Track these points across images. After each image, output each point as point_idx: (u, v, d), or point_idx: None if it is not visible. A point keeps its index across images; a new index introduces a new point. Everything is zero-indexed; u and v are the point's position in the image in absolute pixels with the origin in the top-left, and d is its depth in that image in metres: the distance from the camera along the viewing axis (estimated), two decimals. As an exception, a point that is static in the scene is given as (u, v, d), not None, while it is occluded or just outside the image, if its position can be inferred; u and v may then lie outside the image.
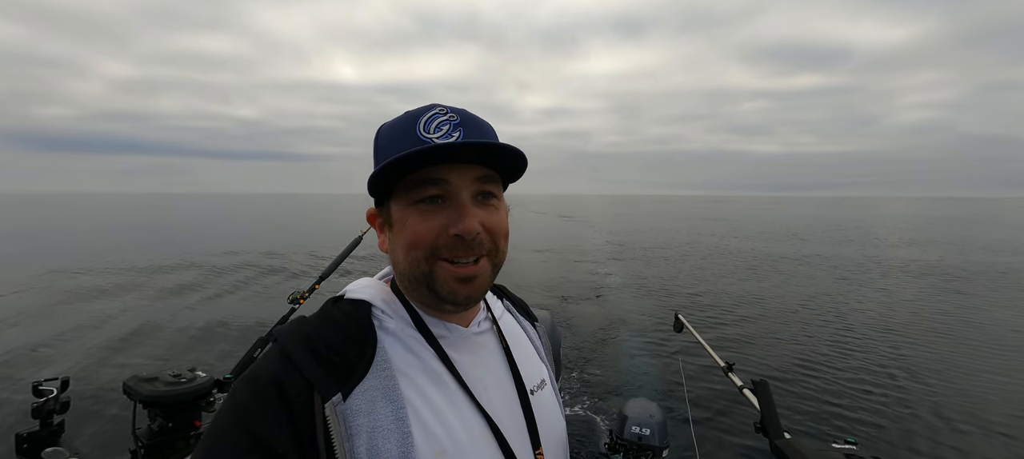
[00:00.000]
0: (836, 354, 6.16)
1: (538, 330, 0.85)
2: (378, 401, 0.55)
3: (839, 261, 14.42)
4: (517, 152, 0.60)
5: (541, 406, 0.71)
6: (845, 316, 8.09)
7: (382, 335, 0.62)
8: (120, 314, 7.99)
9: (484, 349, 0.69)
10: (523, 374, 0.71)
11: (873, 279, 11.73)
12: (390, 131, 0.63)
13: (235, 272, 12.11)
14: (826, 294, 9.93)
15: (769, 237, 21.41)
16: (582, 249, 17.45)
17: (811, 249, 17.49)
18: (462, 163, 0.60)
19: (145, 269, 12.36)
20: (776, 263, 13.67)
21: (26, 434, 1.43)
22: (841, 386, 5.16)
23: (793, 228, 25.80)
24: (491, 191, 0.63)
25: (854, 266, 13.54)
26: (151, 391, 1.59)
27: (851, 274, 12.26)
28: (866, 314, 8.23)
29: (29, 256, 15.05)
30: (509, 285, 0.85)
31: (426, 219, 0.59)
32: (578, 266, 13.65)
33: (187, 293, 9.68)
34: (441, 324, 0.65)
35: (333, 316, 0.62)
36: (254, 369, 0.57)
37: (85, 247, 17.65)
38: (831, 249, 17.53)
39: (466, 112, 0.63)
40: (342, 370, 0.56)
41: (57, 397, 1.46)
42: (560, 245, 19.14)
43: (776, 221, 29.08)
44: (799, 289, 10.35)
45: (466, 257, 0.60)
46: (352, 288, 0.68)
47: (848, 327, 7.42)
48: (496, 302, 0.78)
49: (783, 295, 9.68)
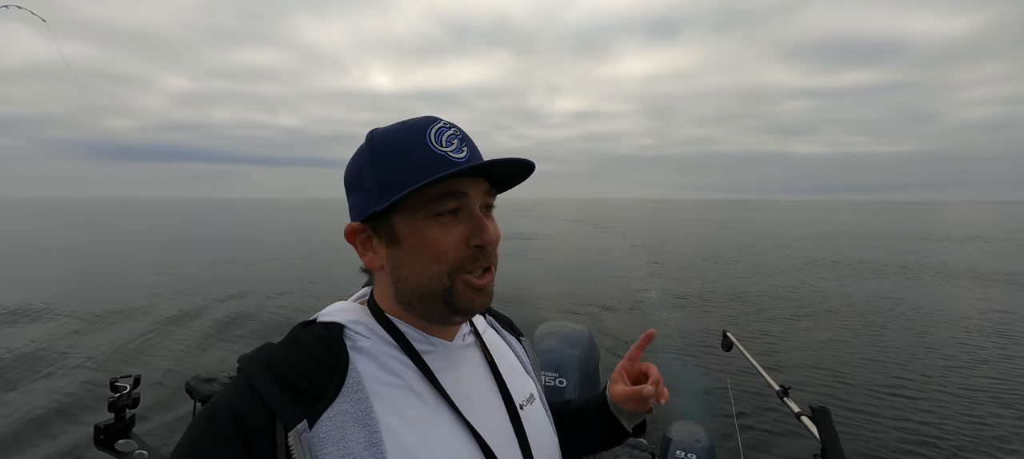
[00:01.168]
0: (911, 380, 5.62)
1: (524, 345, 0.83)
2: (349, 426, 0.52)
3: (909, 272, 13.28)
4: (531, 168, 0.62)
5: (531, 421, 0.69)
6: (923, 336, 7.38)
7: (355, 356, 0.58)
8: (197, 313, 8.59)
9: (469, 364, 0.67)
10: (511, 389, 0.69)
11: (952, 293, 10.73)
12: (399, 141, 0.60)
13: (299, 278, 12.73)
14: (896, 310, 9.11)
15: (825, 245, 19.99)
16: (617, 259, 17.08)
17: (875, 257, 16.20)
18: (475, 177, 0.60)
19: (214, 272, 13.24)
20: (835, 274, 12.76)
21: (103, 426, 1.56)
22: (915, 417, 4.71)
23: (849, 234, 23.98)
24: (492, 203, 0.64)
25: (928, 278, 12.42)
26: (208, 391, 1.70)
27: (925, 289, 11.21)
28: (946, 333, 7.49)
29: (110, 256, 16.54)
30: (542, 298, 0.85)
31: (446, 232, 0.58)
32: (614, 278, 13.35)
33: (254, 296, 10.26)
34: (425, 339, 0.63)
35: (301, 339, 0.58)
36: (215, 400, 0.54)
37: (155, 249, 19.13)
38: (899, 258, 16.14)
39: (458, 127, 0.63)
40: (308, 395, 0.52)
41: (129, 393, 1.58)
42: (593, 255, 18.84)
43: (828, 225, 26.96)
44: (863, 305, 9.58)
45: (479, 268, 0.60)
46: (324, 312, 0.65)
47: (929, 349, 6.77)
48: (479, 318, 0.77)
49: (844, 311, 9.01)
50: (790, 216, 49.70)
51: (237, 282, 11.90)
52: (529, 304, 9.61)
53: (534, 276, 13.37)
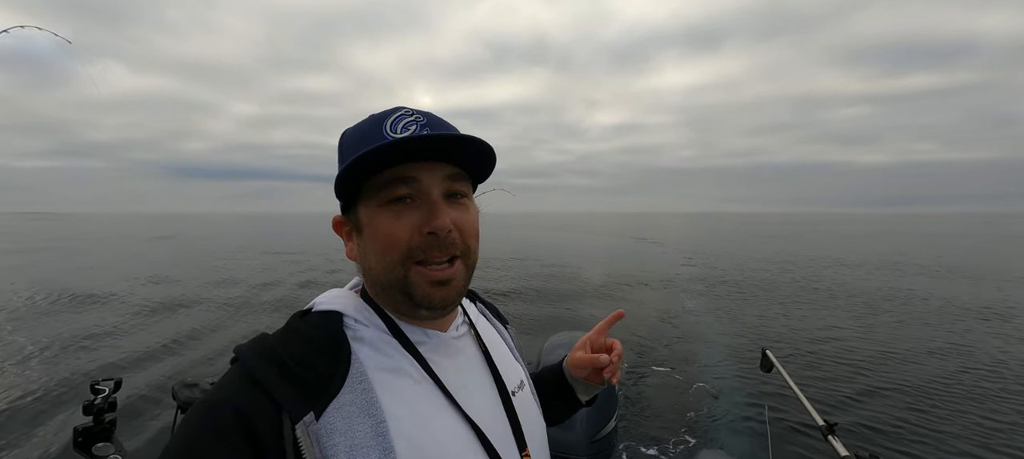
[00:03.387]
0: (987, 429, 4.62)
1: (510, 331, 0.85)
2: (355, 417, 0.52)
3: (993, 312, 10.85)
4: (484, 145, 0.58)
5: (523, 407, 0.70)
6: (1006, 382, 5.94)
7: (357, 346, 0.58)
8: (214, 322, 8.89)
9: (463, 354, 0.68)
10: (503, 376, 0.70)
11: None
12: (355, 134, 0.61)
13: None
14: (977, 349, 7.48)
15: (889, 265, 18.27)
16: (649, 265, 16.46)
17: (953, 290, 14.58)
18: (432, 161, 0.58)
19: (251, 283, 13.88)
20: (900, 301, 11.65)
21: (82, 428, 1.58)
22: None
23: (921, 255, 21.53)
24: (461, 190, 0.62)
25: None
26: (188, 397, 1.69)
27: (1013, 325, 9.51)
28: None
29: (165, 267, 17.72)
30: (565, 306, 0.82)
31: (397, 220, 0.58)
32: (647, 290, 12.86)
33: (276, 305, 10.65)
34: (419, 330, 0.64)
35: (300, 329, 0.58)
36: (213, 393, 0.52)
37: (196, 260, 20.27)
38: (983, 294, 14.46)
39: (432, 114, 0.62)
40: (313, 387, 0.52)
41: (107, 396, 1.60)
42: (626, 268, 18.27)
43: (897, 241, 23.99)
44: (935, 339, 8.26)
45: (440, 258, 0.58)
46: (320, 300, 0.65)
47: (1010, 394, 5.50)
48: (470, 305, 0.78)
49: (910, 345, 8.04)
50: (852, 229, 46.09)
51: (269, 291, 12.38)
52: (550, 307, 9.46)
53: (560, 283, 13.16)
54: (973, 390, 5.72)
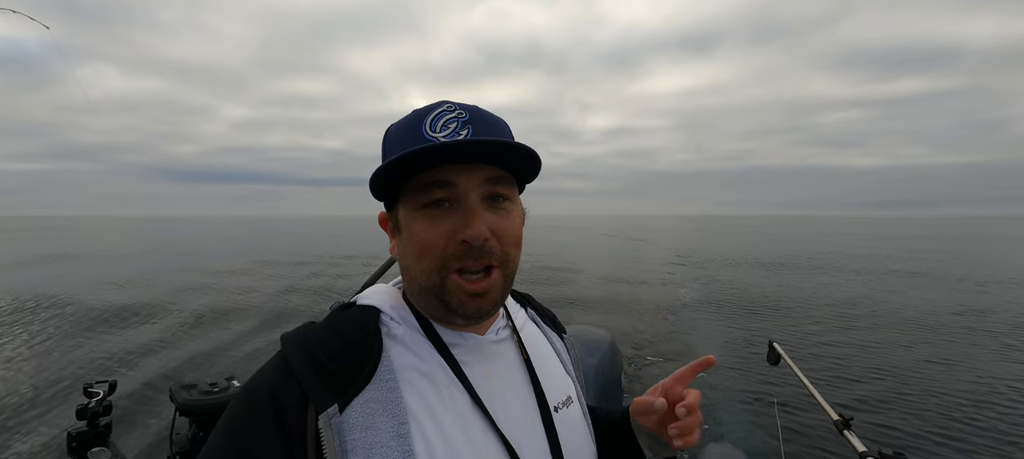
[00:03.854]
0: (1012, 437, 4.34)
1: (566, 343, 0.78)
2: (378, 414, 0.51)
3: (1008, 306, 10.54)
4: (528, 150, 0.55)
5: (566, 425, 0.64)
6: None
7: (389, 343, 0.58)
8: (204, 322, 8.59)
9: (501, 359, 0.64)
10: (546, 388, 0.64)
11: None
12: (396, 131, 0.59)
13: (306, 290, 12.99)
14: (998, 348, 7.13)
15: (893, 266, 18.12)
16: (650, 264, 16.38)
17: (961, 281, 14.44)
18: (471, 163, 0.55)
19: (230, 284, 13.77)
20: (913, 293, 11.56)
21: (75, 433, 1.52)
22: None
23: (918, 254, 21.31)
24: (502, 193, 0.58)
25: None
26: (186, 398, 1.64)
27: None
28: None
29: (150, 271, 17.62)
30: (569, 305, 0.73)
31: (433, 225, 0.55)
32: (644, 286, 12.79)
33: (257, 307, 10.36)
34: (454, 332, 0.61)
35: (338, 323, 0.59)
36: (256, 377, 0.55)
37: (176, 265, 19.91)
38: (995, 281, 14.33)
39: (477, 108, 0.59)
40: (340, 379, 0.52)
41: (102, 399, 1.54)
42: (625, 266, 18.20)
43: (897, 242, 23.84)
44: (948, 331, 8.07)
45: (476, 267, 0.55)
46: (363, 295, 0.64)
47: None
48: (519, 310, 0.73)
49: (922, 339, 7.89)
50: (841, 231, 45.71)
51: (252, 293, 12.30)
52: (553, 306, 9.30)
53: (560, 280, 13.06)
54: (999, 392, 5.43)
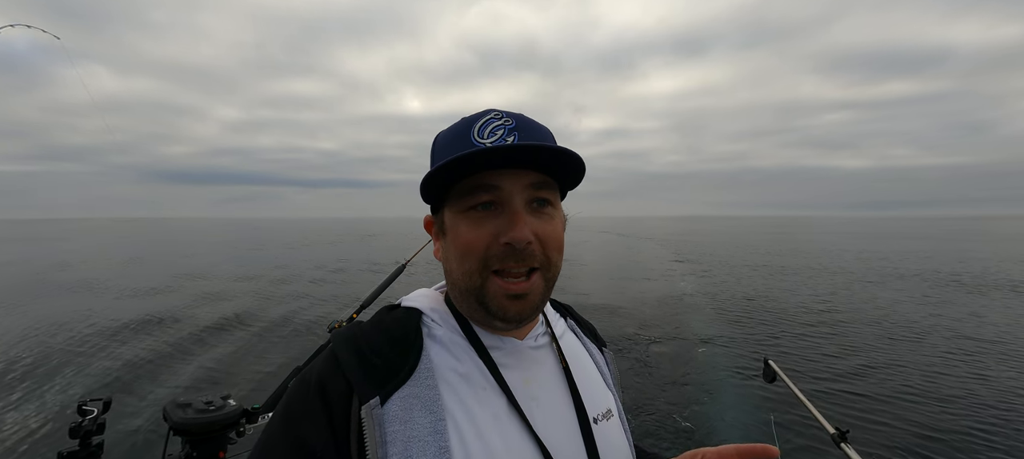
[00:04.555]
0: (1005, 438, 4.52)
1: (606, 356, 0.79)
2: (416, 409, 0.53)
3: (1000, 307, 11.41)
4: (573, 155, 0.56)
5: (607, 438, 0.64)
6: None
7: (429, 343, 0.60)
8: (195, 337, 8.47)
9: (540, 365, 0.64)
10: (585, 398, 0.64)
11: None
12: (446, 137, 0.62)
13: (293, 297, 12.89)
14: (992, 347, 7.50)
15: (886, 267, 18.24)
16: (646, 271, 16.37)
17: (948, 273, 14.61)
18: (516, 168, 0.57)
19: (219, 291, 13.62)
20: (901, 298, 11.65)
21: (67, 453, 1.48)
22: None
23: (914, 254, 21.49)
24: (546, 198, 0.60)
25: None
26: (181, 418, 1.61)
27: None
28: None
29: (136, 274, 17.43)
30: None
31: (477, 227, 0.57)
32: (641, 290, 12.77)
33: (253, 319, 10.42)
34: (494, 335, 0.63)
35: (383, 322, 0.62)
36: (309, 369, 0.59)
37: (172, 267, 19.79)
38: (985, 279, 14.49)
39: (523, 116, 0.61)
40: (382, 374, 0.55)
41: (96, 418, 1.51)
42: (620, 267, 18.22)
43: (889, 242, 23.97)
44: (939, 335, 8.43)
45: (517, 269, 0.57)
46: (408, 297, 0.68)
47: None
48: (558, 319, 0.74)
49: (923, 346, 8.03)
50: (843, 229, 46.22)
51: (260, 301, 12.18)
52: None
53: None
54: (996, 383, 5.57)
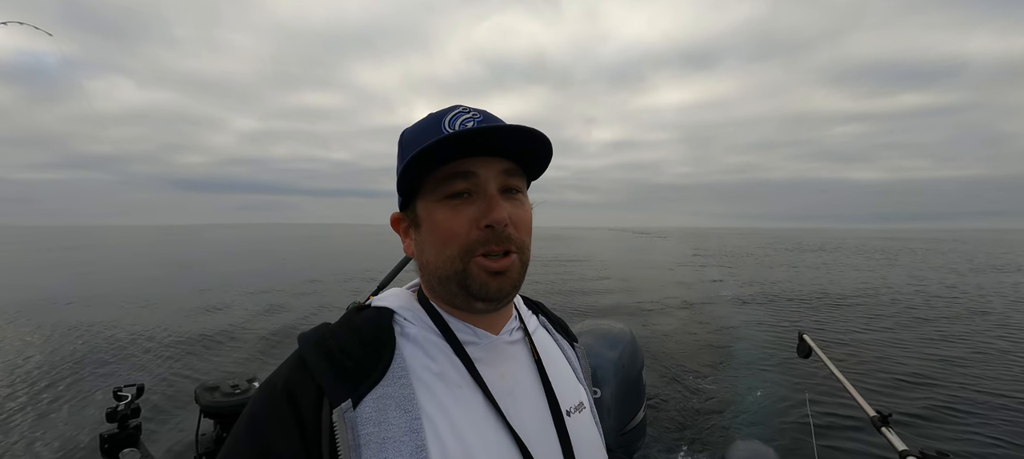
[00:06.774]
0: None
1: (577, 351, 0.80)
2: (391, 410, 0.53)
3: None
4: (541, 136, 0.58)
5: (579, 430, 0.66)
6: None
7: (402, 341, 0.60)
8: (230, 327, 8.91)
9: (515, 360, 0.65)
10: (557, 392, 0.66)
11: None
12: (414, 131, 0.63)
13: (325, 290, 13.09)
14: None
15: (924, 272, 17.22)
16: (672, 260, 16.04)
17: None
18: (489, 156, 0.59)
19: (257, 288, 13.99)
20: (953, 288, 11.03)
21: (107, 435, 1.60)
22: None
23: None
24: (516, 186, 0.62)
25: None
26: (210, 400, 1.70)
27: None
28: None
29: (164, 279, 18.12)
30: (587, 306, 0.78)
31: (456, 213, 0.58)
32: (665, 279, 12.56)
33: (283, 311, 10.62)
34: (469, 329, 0.63)
35: (353, 322, 0.61)
36: (274, 374, 0.58)
37: (204, 273, 20.31)
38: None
39: (488, 113, 0.62)
40: (353, 375, 0.54)
41: (130, 402, 1.62)
42: (642, 260, 17.89)
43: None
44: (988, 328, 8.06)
45: (498, 250, 0.58)
46: (378, 297, 0.67)
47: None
48: (531, 316, 0.75)
49: (961, 334, 7.65)
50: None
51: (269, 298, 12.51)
52: (572, 301, 9.28)
53: (579, 280, 12.94)
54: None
